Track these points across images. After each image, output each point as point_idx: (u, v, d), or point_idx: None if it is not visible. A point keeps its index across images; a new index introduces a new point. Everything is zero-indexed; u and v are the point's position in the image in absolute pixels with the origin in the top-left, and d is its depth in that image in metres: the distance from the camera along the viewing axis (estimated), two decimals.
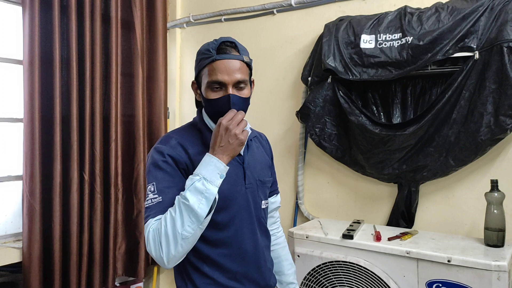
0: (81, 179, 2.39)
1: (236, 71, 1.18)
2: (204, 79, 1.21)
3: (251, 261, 1.27)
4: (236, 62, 1.19)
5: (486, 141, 1.82)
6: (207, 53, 1.20)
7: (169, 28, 2.94)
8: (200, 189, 1.08)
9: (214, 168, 1.10)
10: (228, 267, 1.24)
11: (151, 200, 1.15)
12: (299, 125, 2.40)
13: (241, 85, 1.20)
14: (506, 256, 1.58)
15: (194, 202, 1.07)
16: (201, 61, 1.22)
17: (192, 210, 1.07)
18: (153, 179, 1.17)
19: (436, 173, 1.98)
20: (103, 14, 2.51)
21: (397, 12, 2.03)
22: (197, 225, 1.08)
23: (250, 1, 2.63)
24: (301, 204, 2.42)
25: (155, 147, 1.23)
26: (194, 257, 1.23)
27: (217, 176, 1.10)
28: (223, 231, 1.23)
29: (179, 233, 1.07)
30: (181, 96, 2.95)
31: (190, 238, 1.09)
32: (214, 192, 1.09)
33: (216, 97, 1.19)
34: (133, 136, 2.65)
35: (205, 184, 1.08)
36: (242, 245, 1.26)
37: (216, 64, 1.18)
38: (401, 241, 1.79)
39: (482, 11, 1.80)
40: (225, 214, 1.23)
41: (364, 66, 2.03)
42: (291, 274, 1.51)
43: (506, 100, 1.74)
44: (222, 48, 1.20)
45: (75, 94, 2.33)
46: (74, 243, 2.33)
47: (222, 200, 1.20)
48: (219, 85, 1.19)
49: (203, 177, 1.09)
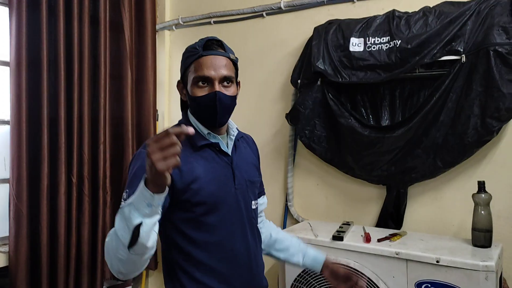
0: (69, 181, 2.36)
1: (222, 67, 1.19)
2: (190, 76, 1.21)
3: (242, 263, 1.26)
4: (222, 59, 1.19)
5: (473, 143, 1.85)
6: (193, 50, 1.21)
7: (158, 30, 2.92)
8: (126, 215, 0.95)
9: (141, 195, 0.94)
10: (220, 271, 1.22)
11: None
12: (289, 127, 2.40)
13: (228, 82, 1.20)
14: (494, 256, 1.60)
15: (118, 227, 0.97)
16: (187, 58, 1.22)
17: (117, 236, 0.97)
18: (127, 186, 1.13)
19: (424, 175, 2.01)
20: (92, 16, 2.48)
21: (386, 16, 2.05)
22: (126, 251, 0.96)
23: (239, 3, 2.63)
24: (290, 206, 2.43)
25: (138, 152, 1.21)
26: (183, 260, 1.21)
27: (144, 204, 0.93)
28: (214, 233, 1.21)
29: (115, 254, 0.99)
30: (170, 99, 2.94)
31: (126, 261, 0.98)
32: (134, 222, 0.93)
33: (202, 94, 1.19)
34: (122, 139, 2.63)
35: (131, 212, 0.94)
36: (234, 247, 1.24)
37: (202, 59, 1.18)
38: (391, 242, 1.81)
39: (469, 15, 1.83)
40: (215, 216, 1.21)
41: (353, 69, 2.04)
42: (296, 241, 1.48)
43: (492, 102, 1.77)
44: (208, 45, 1.20)
45: (63, 96, 2.31)
46: (62, 247, 2.30)
47: (211, 202, 1.20)
48: (205, 81, 1.18)
49: (132, 202, 0.95)
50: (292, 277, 1.92)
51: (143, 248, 0.97)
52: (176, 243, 1.22)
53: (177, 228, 1.21)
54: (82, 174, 2.40)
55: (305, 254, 1.45)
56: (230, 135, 1.31)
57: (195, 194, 1.17)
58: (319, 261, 1.44)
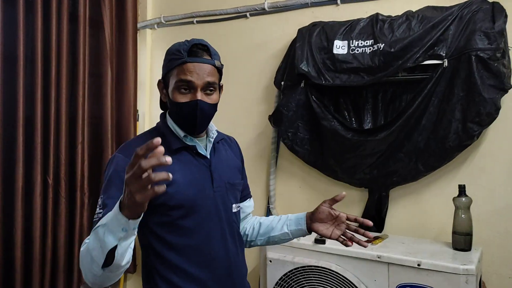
0: (44, 182, 2.29)
1: (206, 74, 1.16)
2: (172, 80, 1.17)
3: (221, 267, 1.23)
4: (207, 66, 1.16)
5: (454, 147, 1.87)
6: (178, 54, 1.17)
7: (140, 28, 2.87)
8: (100, 237, 0.92)
9: (115, 219, 0.90)
10: (197, 275, 1.19)
11: (97, 215, 1.07)
12: (272, 129, 2.39)
13: (210, 89, 1.18)
14: (474, 260, 1.62)
15: (92, 247, 0.94)
16: (170, 61, 1.18)
17: (91, 255, 0.94)
18: (102, 192, 1.11)
19: (406, 178, 2.02)
20: (71, 12, 2.43)
21: (369, 19, 2.05)
22: (99, 270, 0.94)
23: (223, 4, 2.61)
24: (272, 209, 2.41)
25: (113, 156, 1.18)
26: (161, 265, 1.18)
27: (119, 228, 0.89)
28: (192, 237, 1.19)
29: (89, 268, 0.97)
30: (151, 98, 2.89)
31: (100, 276, 0.97)
32: (109, 246, 0.90)
33: (183, 100, 1.16)
34: (101, 139, 2.57)
35: (105, 234, 0.90)
36: (212, 251, 1.21)
37: (186, 65, 1.15)
38: (372, 246, 1.81)
39: (451, 20, 1.85)
40: (192, 219, 1.19)
41: (336, 71, 2.04)
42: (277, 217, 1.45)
43: (473, 107, 1.79)
44: (193, 50, 1.17)
45: (39, 94, 2.25)
46: (37, 250, 2.23)
47: (189, 205, 1.17)
48: (187, 86, 1.15)
49: (106, 223, 0.91)
50: (274, 280, 1.91)
51: (117, 267, 0.96)
52: (153, 247, 1.19)
53: (154, 232, 1.18)
54: (58, 175, 2.34)
55: (287, 222, 1.40)
56: (209, 137, 1.29)
57: (171, 198, 1.15)
58: (301, 222, 1.39)
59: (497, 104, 1.77)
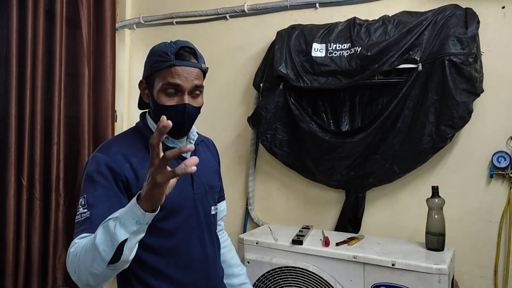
0: (18, 184, 2.24)
1: (193, 78, 1.15)
2: (158, 82, 1.15)
3: (200, 270, 1.23)
4: (194, 69, 1.16)
5: (428, 150, 1.91)
6: (165, 56, 1.15)
7: (118, 28, 2.84)
8: (111, 230, 0.92)
9: (131, 212, 0.92)
10: (176, 277, 1.18)
11: (81, 215, 1.06)
12: (250, 131, 2.40)
13: (197, 92, 1.17)
14: (446, 259, 1.66)
15: (100, 242, 0.93)
16: (156, 62, 1.16)
17: (97, 250, 0.93)
18: (84, 191, 1.09)
19: (381, 180, 2.05)
20: (47, 11, 2.38)
21: (347, 23, 2.08)
22: (104, 266, 0.93)
23: (202, 5, 2.60)
24: (251, 210, 2.41)
25: (93, 155, 1.16)
26: (138, 268, 1.16)
27: (133, 221, 0.91)
28: (170, 239, 1.18)
29: (88, 267, 0.95)
30: (129, 99, 2.86)
31: (100, 275, 0.95)
32: (119, 238, 0.91)
33: (170, 103, 1.14)
34: (77, 139, 2.53)
35: (116, 228, 0.91)
36: (190, 253, 1.21)
37: (174, 69, 1.13)
38: (349, 246, 1.83)
39: (426, 25, 1.89)
40: (172, 221, 1.18)
41: (315, 74, 2.06)
42: (243, 274, 1.48)
43: (446, 110, 1.83)
44: (181, 53, 1.15)
45: (14, 93, 2.20)
46: (10, 252, 2.18)
47: (169, 207, 1.16)
48: (174, 89, 1.14)
49: (119, 217, 0.93)
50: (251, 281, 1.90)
51: (123, 264, 0.96)
52: None
53: None
54: (33, 176, 2.29)
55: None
56: (190, 139, 1.28)
57: None
58: None
59: (469, 108, 1.82)
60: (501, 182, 1.91)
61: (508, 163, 1.87)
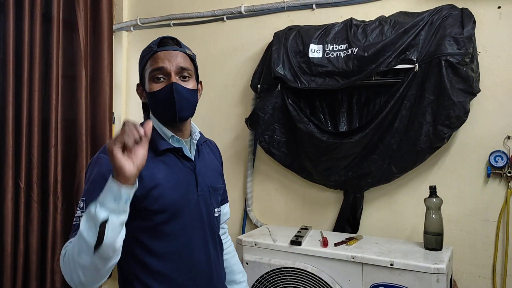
0: (16, 187, 2.23)
1: (178, 59, 1.16)
2: (146, 73, 1.18)
3: (203, 273, 1.22)
4: (177, 52, 1.17)
5: (425, 149, 1.91)
6: (148, 49, 1.19)
7: (115, 30, 2.84)
8: (91, 213, 0.92)
9: (108, 189, 0.93)
10: (179, 281, 1.17)
11: (78, 217, 1.05)
12: (248, 132, 2.40)
13: (185, 75, 1.17)
14: (444, 259, 1.66)
15: (83, 228, 0.93)
16: (143, 58, 1.20)
17: (82, 237, 0.93)
18: (84, 194, 1.09)
19: (379, 180, 2.06)
20: (44, 14, 2.38)
21: (344, 24, 2.09)
22: (91, 255, 0.93)
23: (199, 7, 2.61)
24: (249, 211, 2.42)
25: (96, 157, 1.15)
26: (141, 271, 1.15)
27: (111, 198, 0.92)
28: (173, 242, 1.17)
29: (77, 261, 0.95)
30: (127, 101, 2.86)
31: (89, 267, 0.94)
32: (100, 218, 0.90)
33: (159, 88, 1.15)
34: (75, 142, 2.52)
35: (96, 209, 0.92)
36: (194, 256, 1.20)
37: (157, 54, 1.16)
38: (347, 246, 1.83)
39: (422, 25, 1.90)
40: (176, 223, 1.17)
41: (312, 75, 2.07)
42: (244, 282, 1.49)
43: (443, 110, 1.84)
44: (163, 42, 1.19)
45: (11, 96, 2.19)
46: (8, 256, 2.17)
47: (173, 210, 1.15)
48: (161, 73, 1.15)
49: (98, 198, 0.93)
50: (250, 283, 1.91)
51: (109, 249, 0.93)
52: (133, 253, 1.16)
53: (135, 238, 1.15)
54: (30, 179, 2.28)
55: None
56: (192, 139, 1.28)
57: (155, 201, 1.13)
58: None
59: (466, 108, 1.83)
60: (498, 181, 1.92)
61: (505, 163, 1.87)
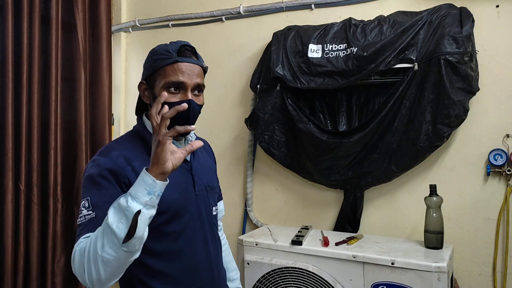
0: (16, 189, 2.23)
1: (195, 76, 1.15)
2: (160, 80, 1.14)
3: (204, 272, 1.23)
4: (196, 67, 1.16)
5: (425, 148, 1.92)
6: (167, 53, 1.14)
7: (114, 32, 2.84)
8: (122, 206, 0.94)
9: (141, 182, 0.95)
10: (180, 280, 1.18)
11: (84, 216, 1.05)
12: (248, 132, 2.40)
13: (198, 91, 1.18)
14: (445, 257, 1.66)
15: (113, 220, 0.94)
16: (157, 61, 1.15)
17: (111, 229, 0.93)
18: (87, 194, 1.08)
19: (379, 179, 2.06)
20: (43, 15, 2.38)
21: (343, 24, 2.09)
22: (118, 247, 0.94)
23: (198, 7, 2.61)
24: (250, 211, 2.42)
25: (93, 160, 1.15)
26: (144, 273, 1.16)
27: (144, 192, 0.94)
28: (175, 242, 1.17)
29: (99, 255, 0.95)
30: (126, 102, 2.86)
31: (112, 261, 0.95)
32: (134, 210, 0.93)
33: (173, 100, 1.12)
34: (75, 144, 2.52)
35: (128, 201, 0.94)
36: (195, 256, 1.21)
37: (177, 65, 1.13)
38: (348, 246, 1.84)
39: (421, 25, 1.91)
40: (177, 224, 1.17)
41: (311, 75, 2.07)
42: (237, 279, 1.50)
43: (443, 109, 1.84)
44: (182, 51, 1.16)
45: (10, 98, 2.19)
46: (9, 258, 2.17)
47: (173, 210, 1.16)
48: (178, 86, 1.13)
49: (129, 192, 0.96)
50: (251, 283, 1.91)
51: (138, 242, 0.96)
52: None
53: None
54: (30, 181, 2.28)
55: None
56: (188, 140, 1.28)
57: None
58: None
59: (466, 106, 1.83)
60: (498, 179, 1.92)
61: (504, 161, 1.88)
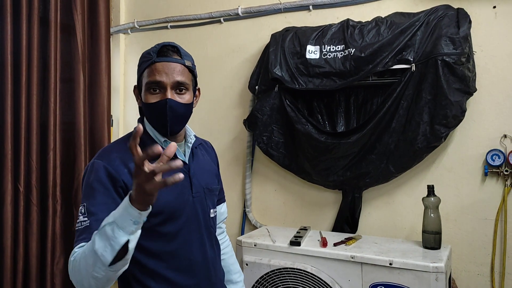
0: (15, 190, 2.24)
1: (175, 73, 1.16)
2: (143, 81, 1.18)
3: (200, 273, 1.23)
4: (176, 65, 1.17)
5: (423, 149, 1.92)
6: (147, 56, 1.18)
7: (113, 33, 2.85)
8: (108, 235, 0.93)
9: (126, 213, 0.93)
10: (177, 281, 1.18)
11: (81, 223, 1.07)
12: (247, 133, 2.41)
13: (181, 89, 1.18)
14: (443, 257, 1.67)
15: (99, 247, 0.94)
16: (141, 64, 1.20)
17: (97, 255, 0.94)
18: (84, 199, 1.10)
19: (378, 180, 2.07)
20: (41, 17, 2.38)
21: (340, 25, 2.10)
22: (106, 269, 0.95)
23: (197, 9, 2.61)
24: (248, 212, 2.42)
25: (91, 163, 1.16)
26: (139, 272, 1.17)
27: (130, 222, 0.93)
28: (171, 242, 1.18)
29: (90, 272, 0.96)
30: (125, 104, 2.86)
31: (102, 278, 0.96)
32: (121, 241, 0.93)
33: (153, 100, 1.15)
34: (74, 145, 2.52)
35: (115, 231, 0.93)
36: (191, 256, 1.22)
37: (155, 65, 1.15)
38: (346, 246, 1.84)
39: (418, 26, 1.91)
40: (173, 225, 1.18)
41: (309, 76, 2.08)
42: (241, 282, 1.50)
43: (440, 110, 1.85)
44: (163, 51, 1.17)
45: (9, 100, 2.20)
46: (8, 259, 2.17)
47: (169, 211, 1.17)
48: (157, 86, 1.15)
49: (114, 221, 0.94)
50: (250, 284, 1.91)
51: (124, 263, 0.97)
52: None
53: None
54: (30, 182, 2.29)
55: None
56: (187, 142, 1.29)
57: None
58: None
59: (463, 107, 1.84)
60: (495, 180, 1.93)
61: (502, 161, 1.89)
